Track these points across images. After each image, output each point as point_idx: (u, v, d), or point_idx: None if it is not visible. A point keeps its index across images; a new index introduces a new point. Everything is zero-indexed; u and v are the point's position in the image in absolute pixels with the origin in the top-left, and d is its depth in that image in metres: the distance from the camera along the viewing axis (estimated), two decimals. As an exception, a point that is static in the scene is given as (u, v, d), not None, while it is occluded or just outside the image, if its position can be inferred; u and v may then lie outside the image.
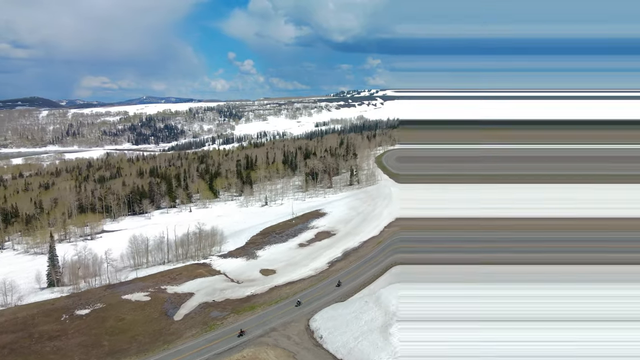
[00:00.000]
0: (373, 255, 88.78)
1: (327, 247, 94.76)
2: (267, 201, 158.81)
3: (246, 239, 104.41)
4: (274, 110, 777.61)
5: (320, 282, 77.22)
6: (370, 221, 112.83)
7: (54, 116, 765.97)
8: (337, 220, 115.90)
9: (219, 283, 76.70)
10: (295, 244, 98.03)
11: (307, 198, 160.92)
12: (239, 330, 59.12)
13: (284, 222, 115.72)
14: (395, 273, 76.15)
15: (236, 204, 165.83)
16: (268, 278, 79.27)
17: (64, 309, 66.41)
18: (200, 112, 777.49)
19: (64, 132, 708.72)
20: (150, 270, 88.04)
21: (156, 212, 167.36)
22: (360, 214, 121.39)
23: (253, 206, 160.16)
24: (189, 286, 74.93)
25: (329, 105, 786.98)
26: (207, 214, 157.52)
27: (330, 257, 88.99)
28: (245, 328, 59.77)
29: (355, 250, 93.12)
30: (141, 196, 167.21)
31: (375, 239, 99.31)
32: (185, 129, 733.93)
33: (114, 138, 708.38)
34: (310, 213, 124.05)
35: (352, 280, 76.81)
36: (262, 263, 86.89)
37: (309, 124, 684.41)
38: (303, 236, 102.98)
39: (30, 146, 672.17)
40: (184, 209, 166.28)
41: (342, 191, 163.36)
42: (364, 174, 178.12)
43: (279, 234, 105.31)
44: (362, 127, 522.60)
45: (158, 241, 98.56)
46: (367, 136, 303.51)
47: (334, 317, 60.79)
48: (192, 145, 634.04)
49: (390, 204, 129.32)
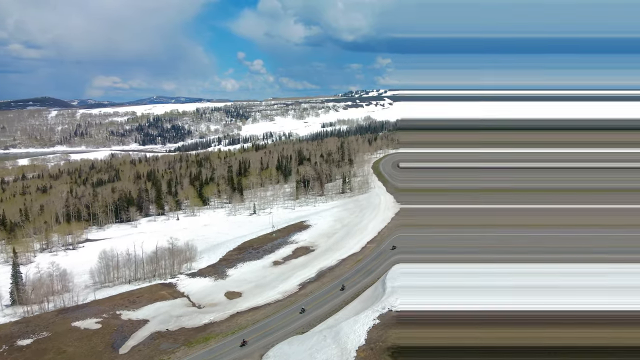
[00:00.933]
0: (348, 276, 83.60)
1: (302, 266, 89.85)
2: (255, 210, 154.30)
3: (221, 255, 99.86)
4: (281, 111, 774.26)
5: (286, 307, 72.35)
6: (354, 235, 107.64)
7: (62, 116, 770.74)
8: (319, 233, 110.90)
9: (178, 308, 72.19)
10: (270, 261, 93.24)
11: (297, 207, 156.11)
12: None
13: (264, 236, 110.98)
14: (365, 299, 71.05)
15: (224, 212, 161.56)
16: (232, 302, 74.62)
17: (7, 337, 62.37)
18: (208, 112, 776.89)
19: (72, 133, 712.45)
20: (115, 289, 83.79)
21: (144, 220, 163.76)
22: (345, 226, 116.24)
23: (241, 215, 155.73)
24: (146, 312, 70.50)
25: (336, 105, 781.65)
26: (194, 223, 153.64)
27: (303, 277, 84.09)
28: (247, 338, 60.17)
29: (332, 269, 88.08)
30: (128, 203, 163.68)
31: (354, 257, 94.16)
32: (192, 129, 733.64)
33: (121, 138, 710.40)
34: (294, 225, 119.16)
35: (319, 307, 71.76)
36: (229, 284, 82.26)
37: (315, 124, 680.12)
38: (280, 252, 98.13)
39: (38, 146, 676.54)
40: (172, 217, 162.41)
41: (333, 199, 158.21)
42: (358, 180, 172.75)
43: (256, 250, 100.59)
44: (367, 128, 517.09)
45: (127, 257, 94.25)
46: (368, 139, 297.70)
47: (288, 354, 55.85)
48: (198, 145, 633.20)
49: (377, 215, 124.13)
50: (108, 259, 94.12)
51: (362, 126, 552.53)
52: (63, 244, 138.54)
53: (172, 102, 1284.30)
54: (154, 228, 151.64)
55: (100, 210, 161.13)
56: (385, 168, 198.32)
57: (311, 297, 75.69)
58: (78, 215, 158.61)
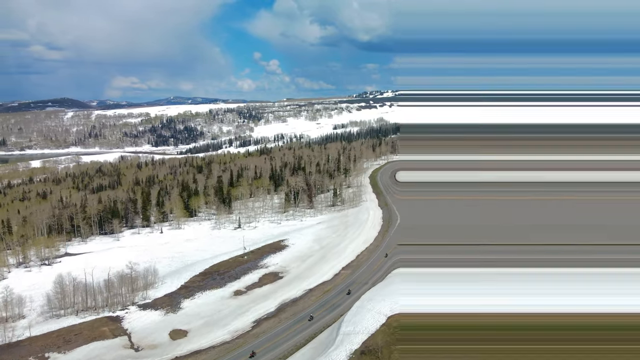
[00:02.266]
0: (311, 310, 76.20)
1: (264, 297, 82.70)
2: (240, 224, 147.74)
3: (184, 280, 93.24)
4: (294, 112, 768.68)
5: (232, 351, 65.25)
6: (329, 260, 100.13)
7: (78, 117, 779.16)
8: (294, 256, 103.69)
9: (113, 351, 65.74)
10: (231, 291, 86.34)
11: (284, 220, 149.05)
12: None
13: (234, 259, 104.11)
14: (318, 344, 63.53)
15: (210, 225, 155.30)
16: (173, 344, 67.86)
17: None
18: (220, 113, 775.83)
19: (86, 134, 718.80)
20: (60, 322, 77.95)
21: (128, 232, 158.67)
22: (324, 247, 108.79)
23: (226, 229, 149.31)
24: (77, 356, 64.26)
25: (349, 106, 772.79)
26: (177, 236, 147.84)
27: (260, 312, 76.91)
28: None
29: (295, 302, 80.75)
30: (113, 215, 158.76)
31: (323, 286, 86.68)
32: (204, 130, 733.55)
33: (134, 140, 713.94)
34: (270, 246, 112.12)
35: (269, 350, 64.53)
36: (179, 319, 75.57)
37: (328, 125, 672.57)
38: (245, 279, 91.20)
39: (53, 147, 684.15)
40: (157, 230, 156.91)
41: (322, 213, 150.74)
42: (351, 192, 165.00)
43: (221, 275, 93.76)
44: (378, 131, 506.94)
45: (84, 283, 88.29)
46: (372, 145, 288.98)
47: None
48: (209, 147, 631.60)
49: (360, 234, 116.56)
50: (64, 285, 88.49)
51: (373, 128, 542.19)
52: (40, 259, 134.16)
53: (189, 103, 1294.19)
54: (136, 242, 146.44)
55: (83, 222, 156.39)
56: (382, 178, 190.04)
57: (263, 337, 68.45)
58: (59, 227, 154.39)
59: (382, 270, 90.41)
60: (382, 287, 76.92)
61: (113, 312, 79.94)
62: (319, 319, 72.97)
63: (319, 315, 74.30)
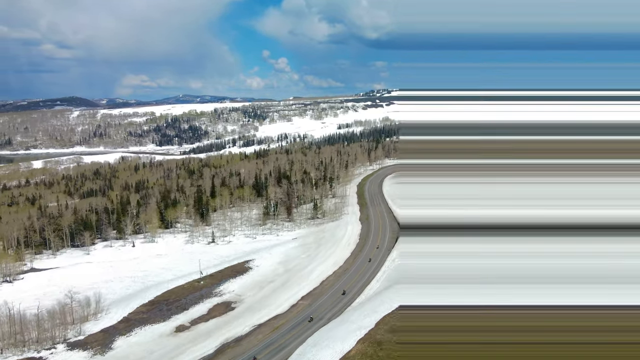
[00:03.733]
0: (253, 353, 68.04)
1: (206, 335, 74.74)
2: (214, 238, 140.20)
3: (130, 310, 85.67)
4: (299, 111, 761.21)
5: (150, 408, 57.45)
6: (291, 286, 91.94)
7: (83, 117, 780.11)
8: (254, 281, 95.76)
9: (16, 406, 58.28)
10: (174, 325, 78.55)
11: (260, 235, 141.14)
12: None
13: (190, 284, 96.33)
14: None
15: (184, 239, 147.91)
16: (86, 397, 60.23)
17: None
18: (225, 112, 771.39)
19: (91, 133, 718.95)
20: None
21: (100, 245, 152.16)
22: (289, 271, 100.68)
23: (199, 243, 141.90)
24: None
25: (355, 105, 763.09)
26: (148, 251, 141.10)
27: (197, 355, 68.76)
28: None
29: (239, 341, 72.53)
30: (85, 226, 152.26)
31: (275, 321, 78.41)
32: (209, 130, 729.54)
33: (138, 139, 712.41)
34: (232, 268, 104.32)
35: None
36: (105, 363, 67.98)
37: (333, 125, 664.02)
38: (193, 311, 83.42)
39: (58, 147, 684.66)
40: (130, 242, 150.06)
41: (300, 227, 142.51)
42: (334, 203, 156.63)
43: (169, 306, 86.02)
44: (382, 131, 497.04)
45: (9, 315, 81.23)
46: (368, 148, 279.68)
47: None
48: (213, 147, 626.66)
49: (332, 255, 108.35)
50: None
51: (377, 129, 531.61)
52: (2, 275, 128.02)
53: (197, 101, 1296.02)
54: (105, 256, 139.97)
55: (54, 234, 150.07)
56: (371, 187, 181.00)
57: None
58: (29, 239, 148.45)
59: (343, 302, 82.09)
60: (335, 326, 68.74)
61: (38, 351, 72.55)
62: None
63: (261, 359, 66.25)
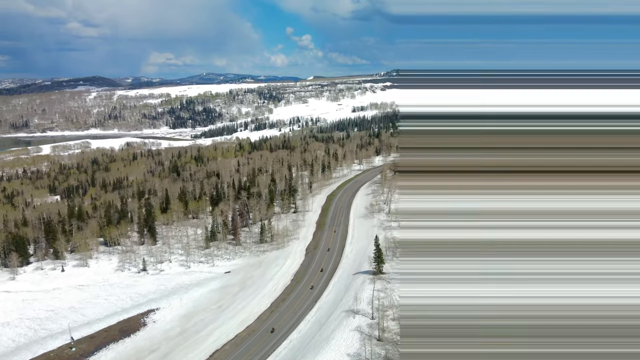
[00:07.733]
0: None
1: None
2: (145, 266, 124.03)
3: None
4: (315, 92, 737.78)
5: None
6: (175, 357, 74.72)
7: (100, 98, 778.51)
8: (135, 348, 78.97)
9: None
10: None
11: (196, 263, 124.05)
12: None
13: (59, 350, 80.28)
14: None
15: (117, 264, 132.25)
16: None
17: None
18: (240, 94, 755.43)
19: (106, 115, 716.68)
20: None
21: (32, 267, 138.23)
22: (185, 331, 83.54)
23: (130, 271, 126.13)
24: None
25: (374, 86, 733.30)
26: (76, 278, 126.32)
27: None
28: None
29: None
30: (17, 245, 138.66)
31: None
32: (223, 112, 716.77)
33: (152, 121, 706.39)
34: (123, 323, 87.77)
35: None
36: None
37: (348, 107, 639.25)
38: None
39: (74, 129, 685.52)
40: (61, 265, 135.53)
41: (242, 254, 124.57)
42: (291, 221, 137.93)
43: (12, 389, 70.41)
44: (394, 116, 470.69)
45: None
46: (362, 144, 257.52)
47: None
48: (224, 130, 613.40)
49: (247, 306, 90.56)
50: None
51: (388, 114, 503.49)
52: None
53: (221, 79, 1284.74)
54: (29, 283, 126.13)
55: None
56: (342, 197, 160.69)
57: None
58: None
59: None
60: None
61: None
62: None
63: None
